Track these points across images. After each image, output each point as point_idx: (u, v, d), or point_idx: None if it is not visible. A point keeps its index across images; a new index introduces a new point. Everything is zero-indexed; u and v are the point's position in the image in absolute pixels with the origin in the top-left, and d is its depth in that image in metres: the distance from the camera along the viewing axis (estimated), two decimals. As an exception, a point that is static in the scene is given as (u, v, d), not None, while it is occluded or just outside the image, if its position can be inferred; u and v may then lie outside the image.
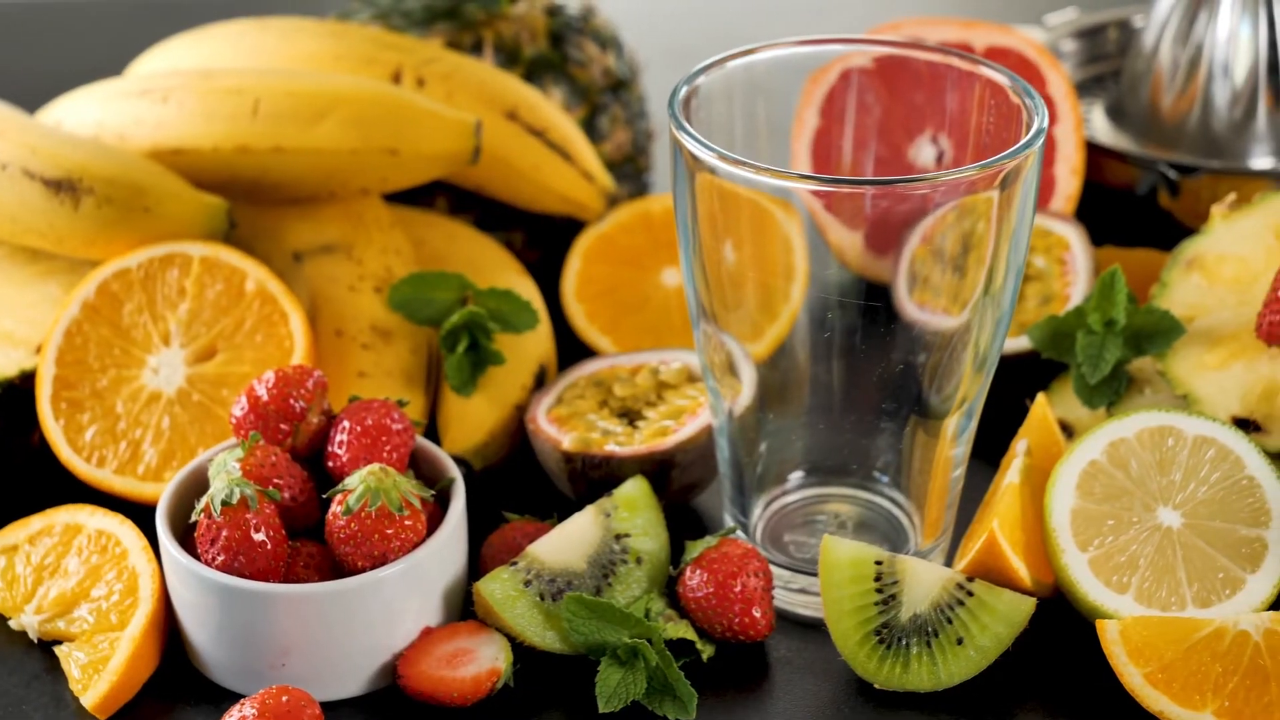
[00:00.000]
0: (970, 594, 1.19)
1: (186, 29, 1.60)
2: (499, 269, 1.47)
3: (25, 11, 2.04)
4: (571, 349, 1.48)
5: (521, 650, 1.21)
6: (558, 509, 1.31)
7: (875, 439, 1.25)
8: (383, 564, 1.18)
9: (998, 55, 1.57)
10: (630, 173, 1.62)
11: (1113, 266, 1.34)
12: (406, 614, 1.20)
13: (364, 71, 1.48)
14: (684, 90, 1.21)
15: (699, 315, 1.23)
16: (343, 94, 1.40)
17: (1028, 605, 1.19)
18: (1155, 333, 1.33)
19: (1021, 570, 1.22)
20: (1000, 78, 1.23)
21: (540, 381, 1.39)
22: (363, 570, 1.18)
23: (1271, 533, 1.21)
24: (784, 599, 1.26)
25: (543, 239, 1.58)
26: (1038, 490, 1.26)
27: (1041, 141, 1.17)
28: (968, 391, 1.23)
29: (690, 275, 1.22)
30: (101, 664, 1.18)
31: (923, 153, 1.35)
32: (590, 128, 1.58)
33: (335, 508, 1.18)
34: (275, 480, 1.20)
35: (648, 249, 1.51)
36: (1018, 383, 1.40)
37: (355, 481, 1.18)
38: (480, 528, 1.30)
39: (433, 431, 1.39)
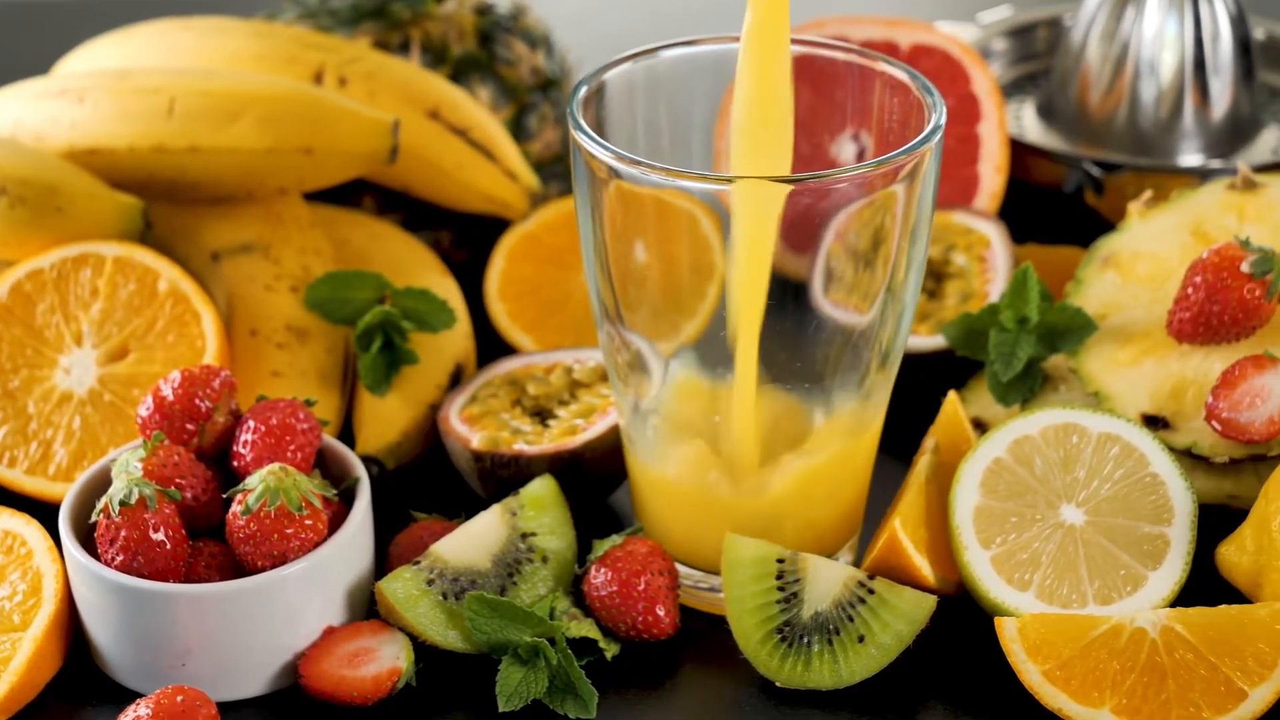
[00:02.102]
0: (871, 592, 1.19)
1: (115, 28, 1.60)
2: (420, 268, 1.47)
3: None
4: (495, 349, 1.48)
5: (425, 650, 1.21)
6: (471, 508, 1.31)
7: (784, 437, 1.25)
8: (283, 563, 1.18)
9: (922, 53, 1.57)
10: (560, 172, 1.62)
11: (1024, 264, 1.34)
12: (308, 613, 1.20)
13: (286, 71, 1.48)
14: (584, 91, 1.21)
15: (603, 316, 1.23)
16: (258, 93, 1.40)
17: (929, 603, 1.19)
18: (1068, 330, 1.33)
19: (925, 568, 1.22)
20: (901, 75, 1.23)
21: (456, 381, 1.39)
22: (263, 570, 1.18)
23: (1174, 530, 1.21)
24: (696, 598, 1.26)
25: (471, 238, 1.58)
26: (945, 488, 1.26)
27: (938, 138, 1.18)
28: (872, 388, 1.23)
29: (594, 277, 1.22)
30: (3, 664, 1.18)
31: (845, 150, 1.35)
32: (518, 127, 1.58)
33: (235, 507, 1.18)
34: (177, 480, 1.20)
35: (572, 248, 1.51)
36: (936, 380, 1.40)
37: (255, 481, 1.18)
38: (391, 527, 1.30)
39: (350, 430, 1.39)
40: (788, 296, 1.24)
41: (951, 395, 1.31)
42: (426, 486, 1.36)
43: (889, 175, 1.16)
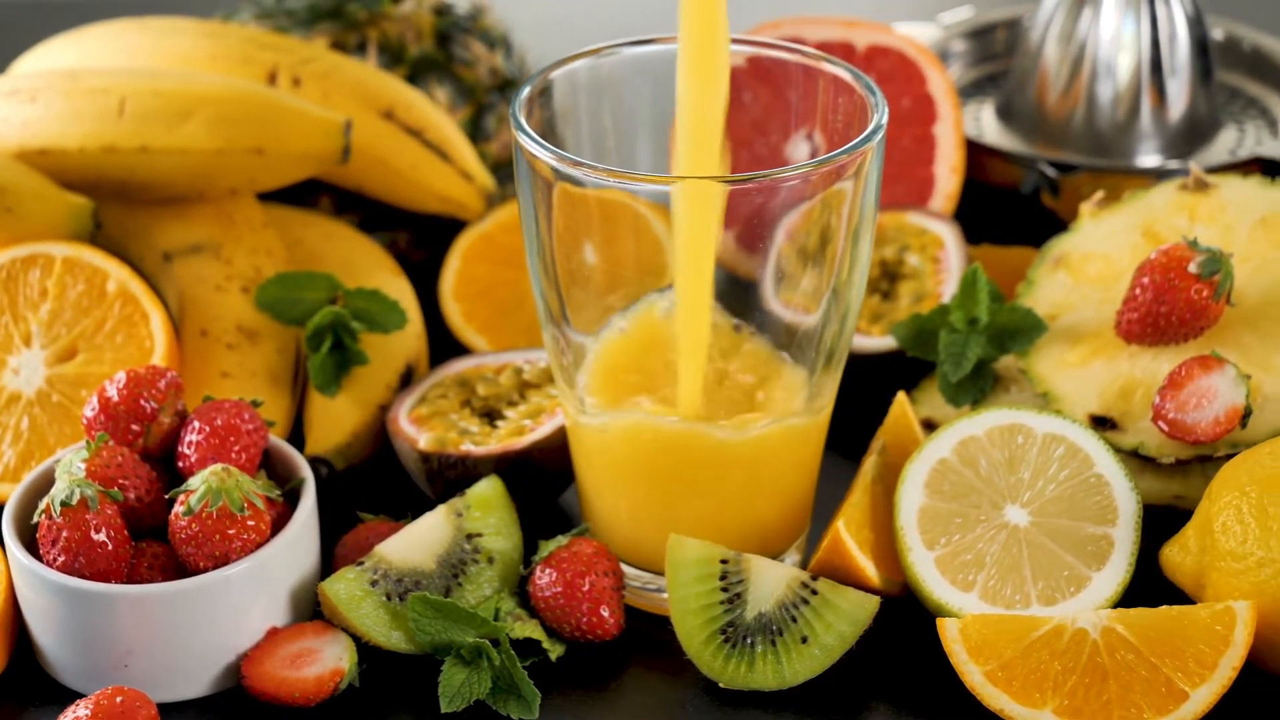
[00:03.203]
0: (815, 593, 1.19)
1: (72, 28, 1.60)
2: (373, 269, 1.46)
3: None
4: (450, 349, 1.48)
5: (369, 650, 1.21)
6: (421, 510, 1.30)
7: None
8: (225, 564, 1.18)
9: (879, 54, 1.57)
10: (517, 172, 1.62)
11: (974, 265, 1.34)
12: (252, 614, 1.19)
13: (240, 71, 1.48)
14: (526, 91, 1.21)
15: (548, 319, 1.23)
16: (209, 94, 1.40)
17: (872, 604, 1.19)
18: (1018, 331, 1.33)
19: (869, 569, 1.21)
20: (845, 75, 1.23)
21: (407, 381, 1.39)
22: (205, 571, 1.18)
23: (1118, 531, 1.21)
24: (642, 599, 1.26)
25: (429, 239, 1.57)
26: (891, 489, 1.25)
27: (880, 137, 1.17)
28: (819, 388, 1.23)
29: (538, 279, 1.22)
30: (-55, 665, 1.18)
31: (799, 150, 1.35)
32: (476, 127, 1.58)
33: (177, 508, 1.18)
34: (120, 481, 1.20)
35: (527, 249, 1.51)
36: (889, 381, 1.40)
37: (197, 482, 1.18)
38: (339, 528, 1.29)
39: (301, 431, 1.39)
40: (735, 297, 1.24)
41: (900, 396, 1.31)
42: (376, 487, 1.36)
43: (831, 175, 1.16)
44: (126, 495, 1.20)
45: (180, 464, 1.23)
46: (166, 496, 1.21)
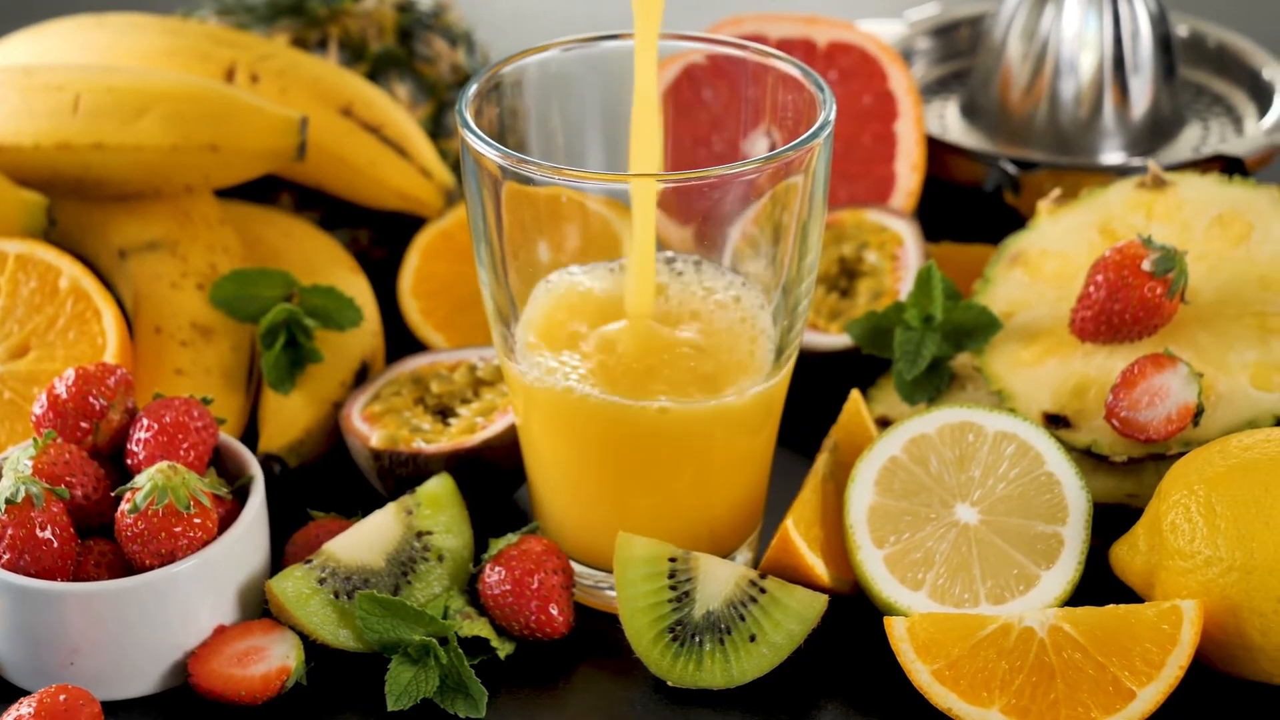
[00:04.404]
0: (763, 591, 1.19)
1: (33, 24, 1.60)
2: (330, 266, 1.46)
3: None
4: (408, 347, 1.47)
5: (317, 649, 1.21)
6: (373, 507, 1.30)
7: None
8: (171, 562, 1.17)
9: (840, 51, 1.56)
10: (480, 169, 1.62)
11: (928, 262, 1.33)
12: (200, 612, 1.19)
13: (198, 68, 1.48)
14: (473, 89, 1.20)
15: (496, 317, 1.22)
16: (164, 90, 1.39)
17: (820, 602, 1.18)
18: (973, 329, 1.33)
19: (818, 567, 1.21)
20: (794, 71, 1.22)
21: (362, 379, 1.39)
22: (151, 568, 1.17)
23: (1068, 529, 1.20)
24: (593, 597, 1.26)
25: (390, 236, 1.57)
26: (843, 486, 1.25)
27: (827, 134, 1.17)
28: (769, 385, 1.22)
29: (486, 278, 1.22)
30: (-110, 663, 1.18)
31: (758, 146, 1.34)
32: (437, 124, 1.58)
33: (123, 505, 1.18)
34: (67, 478, 1.20)
35: (487, 246, 1.50)
36: (847, 379, 1.39)
37: (143, 479, 1.18)
38: (292, 526, 1.29)
39: (256, 428, 1.38)
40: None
41: (854, 394, 1.31)
42: (329, 485, 1.36)
43: (778, 172, 1.16)
44: (74, 493, 1.20)
45: (129, 461, 1.22)
46: (113, 494, 1.20)
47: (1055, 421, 1.27)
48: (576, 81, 1.25)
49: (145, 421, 1.22)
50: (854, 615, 1.23)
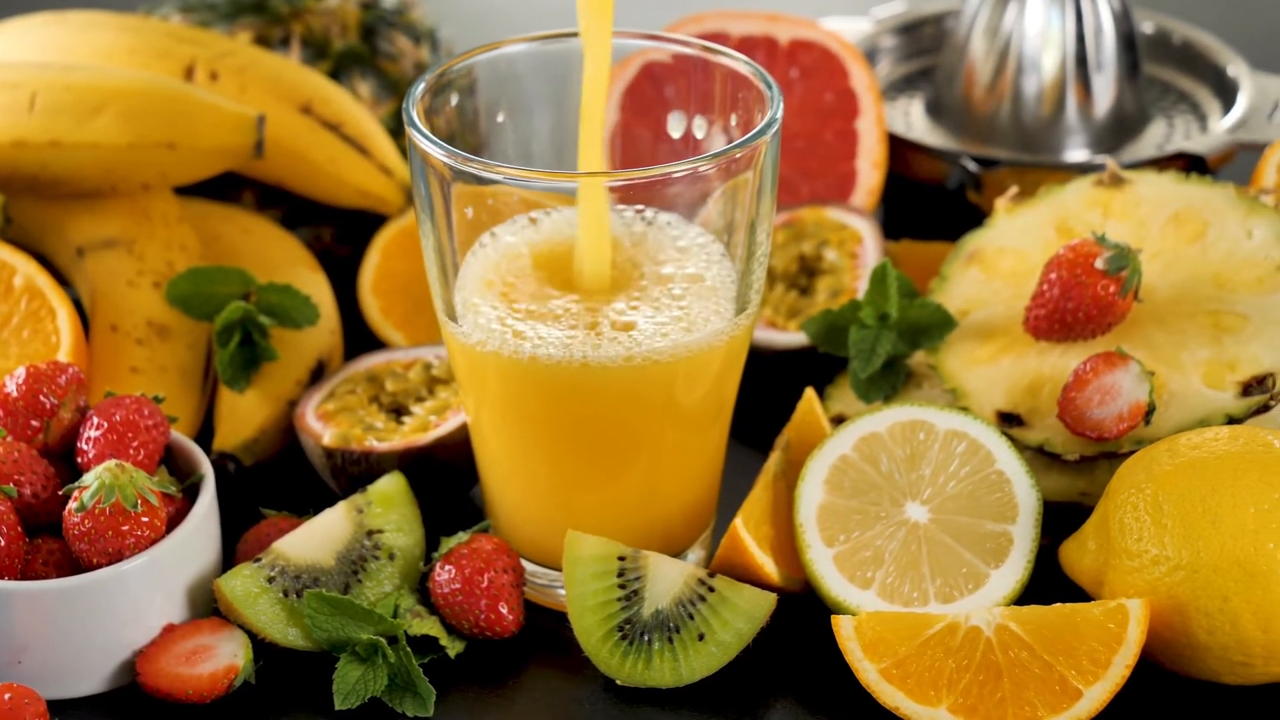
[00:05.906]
0: (712, 590, 1.19)
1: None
2: (289, 264, 1.46)
3: None
4: (368, 345, 1.47)
5: (266, 647, 1.21)
6: (326, 506, 1.30)
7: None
8: (119, 560, 1.17)
9: (801, 48, 1.56)
10: (444, 167, 1.61)
11: (883, 260, 1.33)
12: (148, 611, 1.19)
13: (157, 65, 1.47)
14: (420, 87, 1.20)
15: (446, 316, 1.22)
16: (120, 88, 1.39)
17: (769, 601, 1.18)
18: (929, 327, 1.32)
19: (768, 565, 1.21)
20: (743, 69, 1.22)
21: (318, 377, 1.39)
22: (99, 567, 1.17)
23: (1017, 528, 1.20)
24: (544, 596, 1.26)
25: (352, 234, 1.57)
26: (793, 485, 1.25)
27: (774, 131, 1.17)
28: (721, 385, 1.22)
29: (435, 277, 1.21)
30: None
31: (715, 142, 1.34)
32: (400, 122, 1.57)
33: (71, 504, 1.18)
34: (16, 477, 1.19)
35: (448, 244, 1.50)
36: (805, 377, 1.39)
37: (91, 478, 1.18)
38: (245, 524, 1.29)
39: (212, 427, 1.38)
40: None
41: (808, 393, 1.31)
42: (283, 484, 1.35)
43: (724, 169, 1.16)
44: (22, 491, 1.19)
45: (80, 460, 1.22)
46: (60, 493, 1.20)
47: (1009, 420, 1.27)
48: (526, 79, 1.25)
49: (95, 420, 1.22)
50: (804, 614, 1.22)
